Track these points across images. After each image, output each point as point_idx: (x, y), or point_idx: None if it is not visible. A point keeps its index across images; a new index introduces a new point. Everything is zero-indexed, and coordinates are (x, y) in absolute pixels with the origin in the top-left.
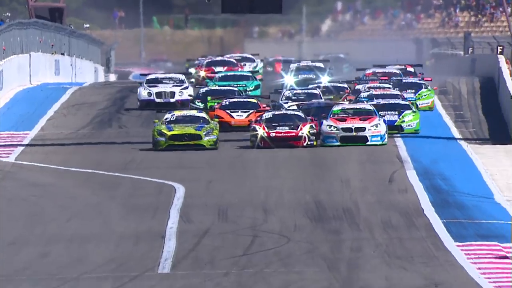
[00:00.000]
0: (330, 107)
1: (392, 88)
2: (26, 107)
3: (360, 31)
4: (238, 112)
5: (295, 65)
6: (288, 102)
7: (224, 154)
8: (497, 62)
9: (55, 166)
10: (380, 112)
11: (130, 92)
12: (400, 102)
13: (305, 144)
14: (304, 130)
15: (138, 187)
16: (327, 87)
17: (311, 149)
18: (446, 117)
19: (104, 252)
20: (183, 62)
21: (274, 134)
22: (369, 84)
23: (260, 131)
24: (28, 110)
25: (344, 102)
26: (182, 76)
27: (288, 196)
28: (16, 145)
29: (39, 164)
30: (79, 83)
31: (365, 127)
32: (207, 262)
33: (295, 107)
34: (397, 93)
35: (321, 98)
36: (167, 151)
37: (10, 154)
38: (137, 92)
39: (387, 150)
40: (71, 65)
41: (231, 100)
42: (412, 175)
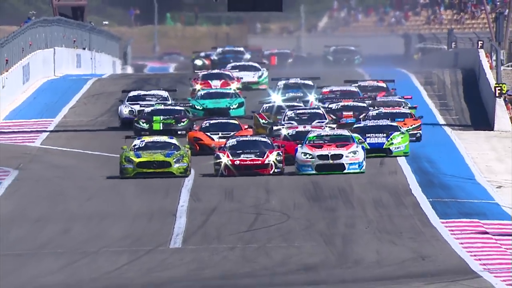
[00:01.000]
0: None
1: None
2: (50, 96)
3: (354, 27)
4: (219, 134)
5: (283, 82)
6: (291, 123)
7: None
8: (477, 55)
9: (76, 150)
10: (368, 135)
11: (145, 83)
12: (388, 123)
13: (271, 172)
14: (271, 158)
15: None
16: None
17: None
18: (431, 105)
19: (120, 228)
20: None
21: (238, 162)
22: (342, 103)
23: (224, 159)
24: (52, 99)
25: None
26: (165, 93)
27: (287, 179)
28: (41, 131)
29: (62, 148)
30: (99, 74)
31: (342, 154)
32: (214, 237)
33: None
34: (407, 111)
35: (325, 118)
36: (135, 178)
37: (36, 139)
38: (118, 109)
39: None
40: (91, 58)
41: (212, 121)
42: (401, 159)
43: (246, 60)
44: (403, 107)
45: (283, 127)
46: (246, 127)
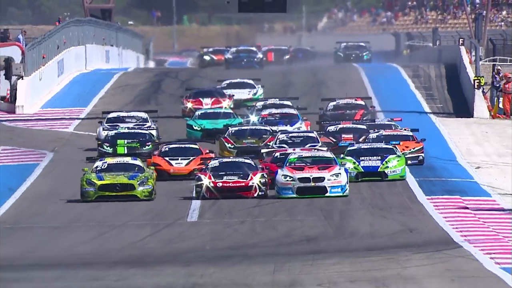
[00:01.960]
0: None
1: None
2: (82, 88)
3: (350, 27)
4: (178, 159)
5: (261, 103)
6: (283, 146)
7: None
8: (459, 52)
9: None
10: (362, 158)
11: (165, 76)
12: (384, 146)
13: (255, 195)
14: (255, 180)
15: None
16: (251, 129)
17: None
18: (418, 95)
19: (143, 205)
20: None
21: (221, 184)
22: (341, 125)
23: (206, 181)
24: (83, 90)
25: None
26: (145, 115)
27: None
28: (74, 118)
29: (92, 134)
30: (124, 68)
31: (324, 177)
32: (226, 212)
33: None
34: (408, 133)
35: (318, 142)
36: (97, 202)
37: (69, 125)
38: (97, 130)
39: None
40: (118, 54)
41: (171, 146)
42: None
43: (258, 59)
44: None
45: (273, 149)
46: (207, 151)
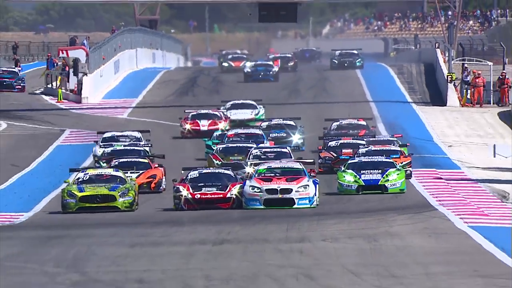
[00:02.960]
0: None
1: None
2: (134, 83)
3: (347, 33)
4: (127, 172)
5: (266, 123)
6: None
7: None
8: (435, 53)
9: (151, 120)
10: (362, 171)
11: (200, 73)
12: (383, 159)
13: (233, 206)
14: (233, 191)
15: None
16: (239, 147)
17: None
18: (402, 88)
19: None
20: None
21: (199, 196)
22: (342, 140)
23: (184, 192)
24: (134, 85)
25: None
26: (138, 134)
27: None
28: (127, 107)
29: (142, 119)
30: (167, 67)
31: (291, 189)
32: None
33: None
34: (397, 148)
35: (291, 157)
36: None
37: (124, 112)
38: (93, 149)
39: (366, 111)
40: (162, 56)
41: (121, 160)
42: (381, 127)
43: (274, 72)
44: (394, 145)
45: (247, 166)
46: (156, 165)
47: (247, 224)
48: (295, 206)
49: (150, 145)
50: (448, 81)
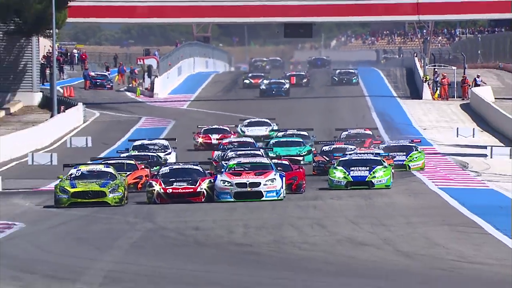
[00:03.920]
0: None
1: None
2: (192, 83)
3: (349, 46)
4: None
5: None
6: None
7: None
8: (414, 61)
9: (205, 110)
10: (352, 168)
11: (240, 76)
12: (371, 157)
13: (203, 200)
14: (203, 185)
15: None
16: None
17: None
18: (389, 86)
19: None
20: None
21: (171, 190)
22: (335, 145)
23: (157, 187)
24: (192, 84)
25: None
26: (166, 142)
27: None
28: (187, 100)
29: (197, 109)
30: (217, 71)
31: (260, 182)
32: None
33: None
34: (378, 156)
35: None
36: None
37: (184, 104)
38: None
39: (362, 104)
40: (213, 63)
41: (109, 161)
42: (374, 115)
43: (285, 88)
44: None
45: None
46: (143, 167)
47: None
48: (263, 199)
49: (176, 153)
50: (423, 81)
